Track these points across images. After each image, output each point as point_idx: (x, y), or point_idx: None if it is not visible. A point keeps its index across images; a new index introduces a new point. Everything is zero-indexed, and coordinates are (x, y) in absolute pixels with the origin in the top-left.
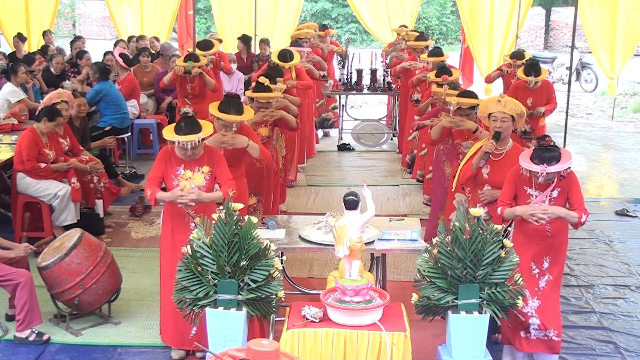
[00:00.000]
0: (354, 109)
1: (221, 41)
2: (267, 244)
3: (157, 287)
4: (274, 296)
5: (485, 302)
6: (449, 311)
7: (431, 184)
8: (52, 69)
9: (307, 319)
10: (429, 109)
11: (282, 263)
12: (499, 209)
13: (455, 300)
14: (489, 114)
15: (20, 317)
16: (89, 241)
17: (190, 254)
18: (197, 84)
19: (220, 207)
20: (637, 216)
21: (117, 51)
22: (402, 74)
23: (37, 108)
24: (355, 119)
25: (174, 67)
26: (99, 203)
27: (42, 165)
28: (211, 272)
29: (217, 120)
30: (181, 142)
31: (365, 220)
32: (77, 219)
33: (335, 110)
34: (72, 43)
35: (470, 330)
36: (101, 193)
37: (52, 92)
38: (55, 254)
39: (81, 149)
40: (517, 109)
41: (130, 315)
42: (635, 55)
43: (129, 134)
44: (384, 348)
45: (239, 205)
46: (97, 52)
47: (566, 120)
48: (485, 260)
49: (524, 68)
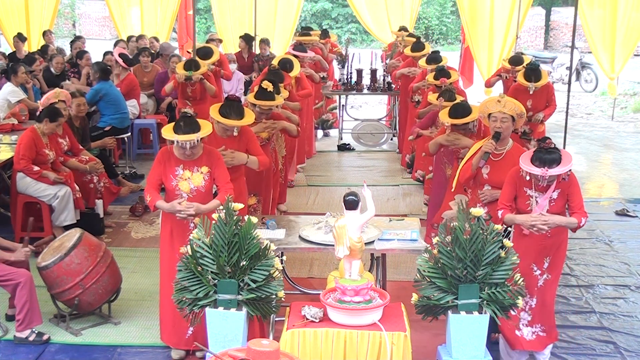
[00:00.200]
0: (354, 109)
1: (221, 41)
2: (267, 244)
3: (157, 287)
4: (274, 296)
5: (485, 302)
6: (449, 311)
7: (431, 184)
8: (52, 69)
9: (307, 319)
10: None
11: (282, 263)
12: (500, 213)
13: (455, 300)
14: (489, 114)
15: (20, 317)
16: (89, 241)
17: (190, 254)
18: (197, 88)
19: (220, 207)
20: (637, 216)
21: (117, 51)
22: (401, 79)
23: (37, 108)
24: (355, 119)
25: (175, 74)
26: (98, 203)
27: (35, 169)
28: (211, 272)
29: (217, 123)
30: (180, 141)
31: (365, 220)
32: (77, 219)
33: (333, 111)
34: (72, 43)
35: (470, 330)
36: (101, 193)
37: (50, 92)
38: (55, 254)
39: (81, 148)
40: (517, 109)
41: (130, 315)
42: (635, 55)
43: (129, 134)
44: (384, 348)
45: (238, 205)
46: (97, 52)
47: (566, 121)
48: (485, 260)
49: (524, 73)
